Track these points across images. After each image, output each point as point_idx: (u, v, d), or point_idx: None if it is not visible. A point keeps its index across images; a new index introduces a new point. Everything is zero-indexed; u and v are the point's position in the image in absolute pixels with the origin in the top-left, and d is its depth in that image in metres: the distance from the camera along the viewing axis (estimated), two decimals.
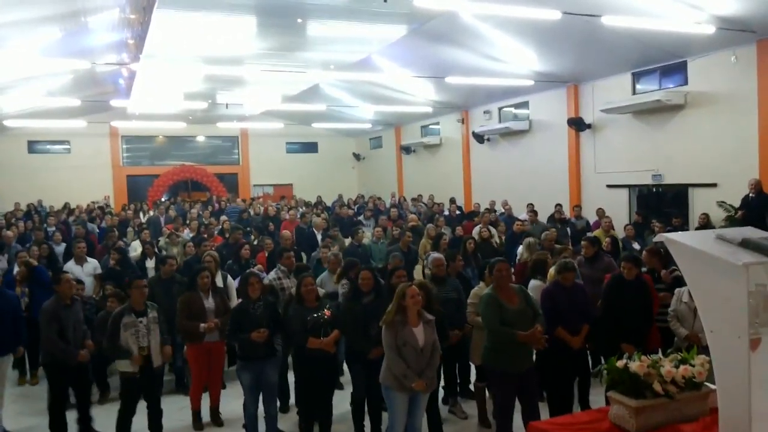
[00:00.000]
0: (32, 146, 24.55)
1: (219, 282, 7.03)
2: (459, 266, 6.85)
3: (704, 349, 3.73)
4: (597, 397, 5.85)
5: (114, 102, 18.04)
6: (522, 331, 5.06)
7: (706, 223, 10.79)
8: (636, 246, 10.08)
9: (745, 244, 3.17)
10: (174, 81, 17.31)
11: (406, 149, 24.07)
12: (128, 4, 11.37)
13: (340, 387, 6.67)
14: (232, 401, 6.65)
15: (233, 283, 7.42)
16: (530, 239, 8.66)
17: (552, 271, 6.36)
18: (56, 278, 6.01)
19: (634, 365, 3.73)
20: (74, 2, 10.80)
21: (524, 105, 17.66)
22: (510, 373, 5.15)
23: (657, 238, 3.64)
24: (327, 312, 5.63)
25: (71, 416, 6.01)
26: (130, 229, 14.16)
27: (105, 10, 11.66)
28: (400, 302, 4.88)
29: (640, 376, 3.69)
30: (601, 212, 12.50)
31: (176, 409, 6.61)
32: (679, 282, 6.03)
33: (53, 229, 12.67)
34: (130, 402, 5.69)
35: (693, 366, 3.81)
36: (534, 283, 6.40)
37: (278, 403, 6.07)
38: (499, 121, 18.61)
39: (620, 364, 3.79)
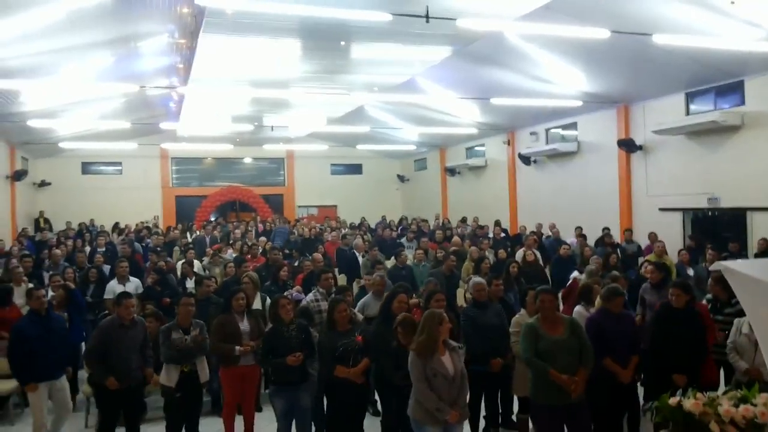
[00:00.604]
0: (86, 167, 25.34)
1: (258, 304, 6.97)
2: (497, 291, 6.61)
3: (767, 386, 3.43)
4: None
5: (164, 125, 18.48)
6: (563, 364, 4.81)
7: (766, 249, 10.24)
8: (690, 272, 9.63)
9: None
10: (221, 104, 17.64)
11: (451, 171, 23.89)
12: (176, 29, 11.63)
13: (377, 413, 6.49)
14: (268, 425, 6.54)
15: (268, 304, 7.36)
16: (592, 266, 8.31)
17: (598, 299, 6.06)
18: (118, 301, 6.12)
19: (689, 403, 3.44)
20: (125, 28, 11.10)
21: (572, 126, 17.29)
22: (555, 406, 4.89)
23: (713, 267, 3.38)
24: (359, 338, 5.48)
25: None
26: (176, 248, 14.35)
27: (154, 35, 11.96)
28: (435, 329, 4.65)
29: (695, 415, 3.40)
30: (653, 236, 12.07)
31: None
32: (740, 313, 5.65)
33: (103, 249, 12.91)
34: (173, 419, 5.78)
35: (755, 405, 3.50)
36: (578, 310, 6.11)
37: (313, 428, 5.92)
38: (546, 143, 18.27)
39: (673, 401, 3.51)
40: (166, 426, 5.80)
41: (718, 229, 12.94)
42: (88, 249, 14.86)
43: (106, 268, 10.94)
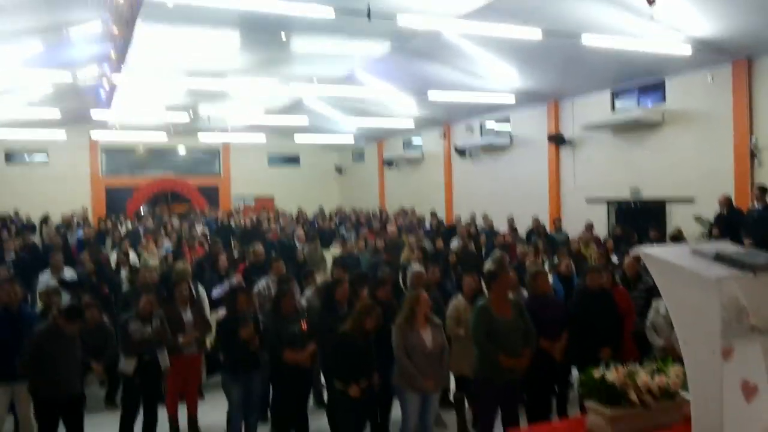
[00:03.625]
0: (10, 157, 24.29)
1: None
2: (435, 278, 6.92)
3: (680, 360, 3.81)
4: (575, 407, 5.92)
5: (94, 113, 17.90)
6: (511, 345, 5.14)
7: (678, 237, 10.92)
8: (614, 259, 10.21)
9: (720, 258, 3.26)
10: (156, 93, 17.26)
11: (389, 163, 24.18)
12: (111, 17, 11.35)
13: (322, 404, 6.65)
14: (211, 411, 6.62)
15: (204, 293, 7.43)
16: (498, 252, 8.78)
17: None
18: None
19: (611, 375, 3.80)
20: (56, 14, 10.76)
21: (506, 120, 17.87)
22: (497, 383, 5.21)
23: (634, 252, 3.73)
24: (303, 325, 5.64)
25: None
26: (108, 239, 14.04)
27: (87, 21, 11.62)
28: (414, 307, 5.12)
29: (617, 386, 3.75)
30: (590, 226, 12.54)
31: None
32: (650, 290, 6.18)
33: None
34: (131, 406, 5.76)
35: (668, 376, 3.89)
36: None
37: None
38: (481, 136, 18.82)
39: (597, 374, 3.86)
40: (121, 414, 5.76)
41: (640, 219, 13.70)
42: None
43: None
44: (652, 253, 3.38)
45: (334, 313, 5.84)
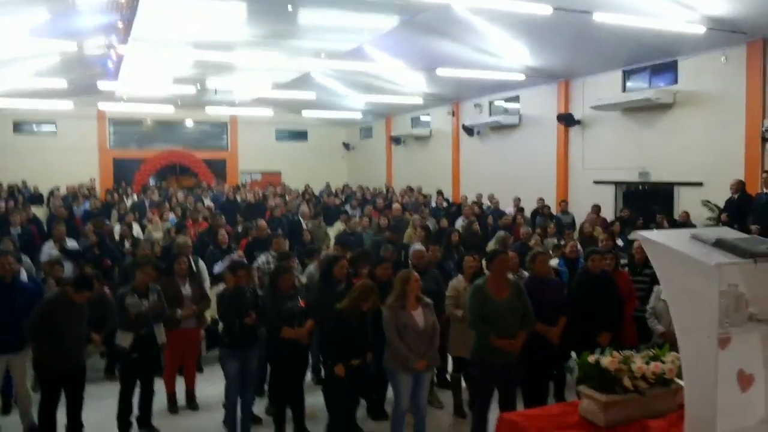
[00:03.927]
0: (18, 127, 24.30)
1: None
2: (434, 257, 6.87)
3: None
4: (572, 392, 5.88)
5: (101, 84, 17.84)
6: (506, 327, 5.09)
7: (686, 221, 10.82)
8: (619, 242, 10.12)
9: (719, 244, 3.18)
10: (163, 65, 17.14)
11: (396, 140, 24.03)
12: None
13: (320, 382, 6.64)
14: (209, 386, 6.66)
15: (204, 267, 7.41)
16: (502, 233, 8.72)
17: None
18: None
19: (606, 360, 3.74)
20: None
21: (515, 99, 17.67)
22: (494, 364, 5.17)
23: (632, 236, 3.66)
24: (302, 302, 5.61)
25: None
26: (114, 212, 14.05)
27: None
28: (404, 287, 5.08)
29: (611, 372, 3.70)
30: (596, 209, 12.42)
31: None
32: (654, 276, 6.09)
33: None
34: (128, 380, 5.74)
35: (664, 363, 3.83)
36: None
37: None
38: (490, 115, 18.62)
39: (592, 359, 3.81)
40: (120, 388, 5.76)
41: (647, 202, 13.58)
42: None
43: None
44: (650, 237, 3.30)
45: (332, 289, 5.80)
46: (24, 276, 6.55)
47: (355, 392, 5.13)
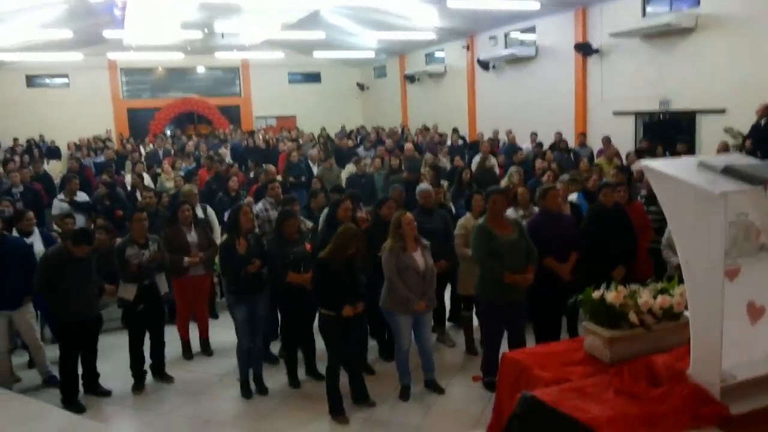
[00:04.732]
0: (31, 80, 24.23)
1: (199, 214, 6.94)
2: (438, 197, 6.76)
3: None
4: None
5: (107, 33, 17.56)
6: (514, 264, 5.01)
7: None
8: None
9: (728, 171, 2.99)
10: (168, 9, 16.74)
11: (411, 78, 23.52)
12: None
13: None
14: (223, 331, 6.71)
15: (213, 214, 7.36)
16: (514, 168, 8.52)
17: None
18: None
19: (611, 296, 3.64)
20: None
21: (531, 30, 17.03)
22: (499, 303, 5.12)
23: (635, 166, 3.48)
24: (308, 246, 5.54)
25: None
26: (128, 162, 14.06)
27: None
28: (398, 230, 5.05)
29: (616, 307, 3.60)
30: (606, 140, 12.20)
31: (167, 341, 6.65)
32: None
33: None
34: (135, 330, 5.77)
35: (672, 296, 3.71)
36: (509, 212, 6.25)
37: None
38: (506, 47, 18.03)
39: (596, 294, 3.70)
40: (129, 338, 5.80)
41: (668, 132, 13.15)
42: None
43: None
44: (654, 166, 3.12)
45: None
46: (37, 233, 6.55)
47: (354, 336, 5.09)
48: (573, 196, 7.06)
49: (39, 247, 6.20)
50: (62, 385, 5.53)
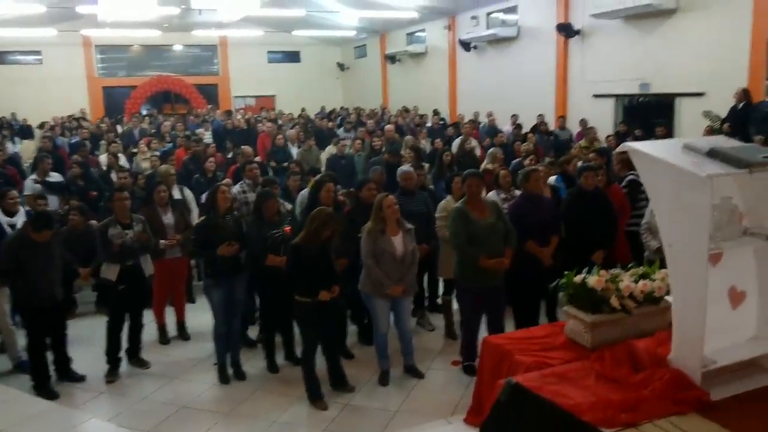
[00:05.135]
0: (2, 57, 23.58)
1: (176, 195, 6.80)
2: (420, 179, 6.68)
3: None
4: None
5: (81, 8, 17.08)
6: (492, 247, 4.95)
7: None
8: None
9: (713, 154, 2.96)
10: None
11: (391, 58, 23.30)
12: None
13: None
14: (200, 315, 6.60)
15: (191, 196, 7.22)
16: (495, 149, 8.49)
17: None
18: None
19: (592, 280, 3.60)
20: None
21: (513, 10, 16.92)
22: (478, 287, 5.07)
23: (620, 148, 3.43)
24: (287, 228, 5.44)
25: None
26: (103, 142, 13.77)
27: None
28: (379, 213, 4.99)
29: (597, 291, 3.57)
30: (584, 123, 12.23)
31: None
32: None
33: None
34: (116, 313, 5.65)
35: (653, 281, 3.69)
36: (491, 195, 6.21)
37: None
38: (487, 28, 17.90)
39: (578, 278, 3.67)
40: (108, 321, 5.66)
41: (647, 115, 13.18)
42: (9, 145, 14.14)
43: None
44: (637, 147, 3.07)
45: None
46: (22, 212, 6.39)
47: (330, 321, 5.02)
48: (552, 179, 7.04)
49: None
50: (32, 371, 5.39)
